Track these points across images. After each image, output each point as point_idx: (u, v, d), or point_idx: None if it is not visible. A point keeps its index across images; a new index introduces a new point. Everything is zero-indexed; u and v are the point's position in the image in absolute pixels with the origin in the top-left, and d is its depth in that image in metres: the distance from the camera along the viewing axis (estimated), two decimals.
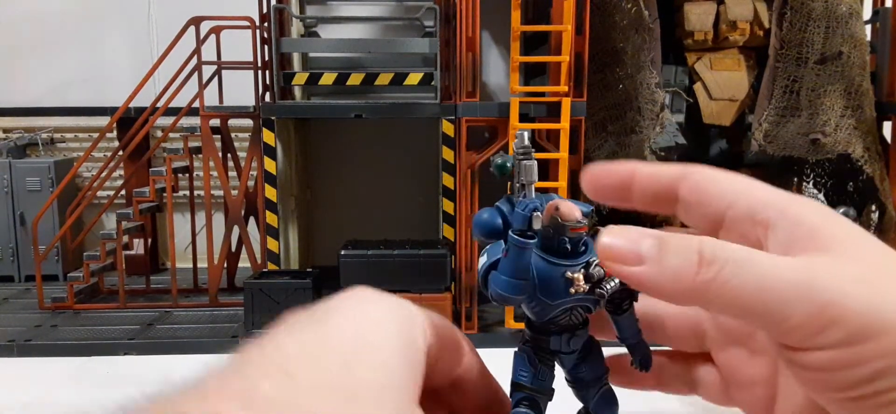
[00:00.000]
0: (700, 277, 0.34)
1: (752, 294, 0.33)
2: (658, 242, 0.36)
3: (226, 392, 0.30)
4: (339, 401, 0.31)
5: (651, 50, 4.19)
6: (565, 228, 0.45)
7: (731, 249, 0.34)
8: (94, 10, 6.21)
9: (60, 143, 6.38)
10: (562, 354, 0.50)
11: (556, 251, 0.47)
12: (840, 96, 4.40)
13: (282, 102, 4.92)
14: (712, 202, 0.39)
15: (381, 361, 0.34)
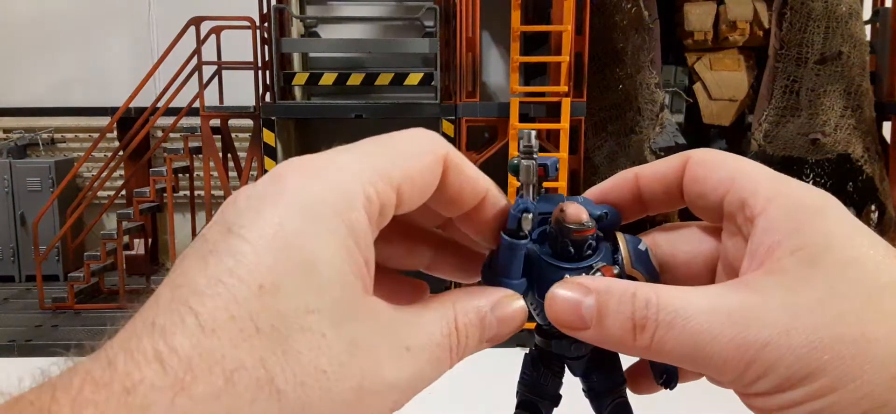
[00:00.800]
0: (637, 343, 0.35)
1: (686, 355, 0.34)
2: (596, 303, 0.36)
3: (141, 352, 0.28)
4: (258, 342, 0.29)
5: (651, 50, 4.19)
6: (569, 230, 0.44)
7: (663, 307, 0.34)
8: (94, 11, 6.21)
9: (61, 144, 6.38)
10: (567, 359, 0.49)
11: (560, 253, 0.46)
12: (840, 96, 4.40)
13: (282, 102, 4.92)
14: (709, 192, 0.39)
15: (304, 276, 0.30)
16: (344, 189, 0.34)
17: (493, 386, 3.88)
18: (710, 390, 0.51)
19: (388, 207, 0.36)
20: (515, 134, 4.26)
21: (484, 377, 3.85)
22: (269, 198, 0.33)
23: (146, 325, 0.30)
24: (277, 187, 0.33)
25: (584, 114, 4.23)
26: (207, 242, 0.32)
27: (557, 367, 0.50)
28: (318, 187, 0.33)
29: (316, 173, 0.34)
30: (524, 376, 0.51)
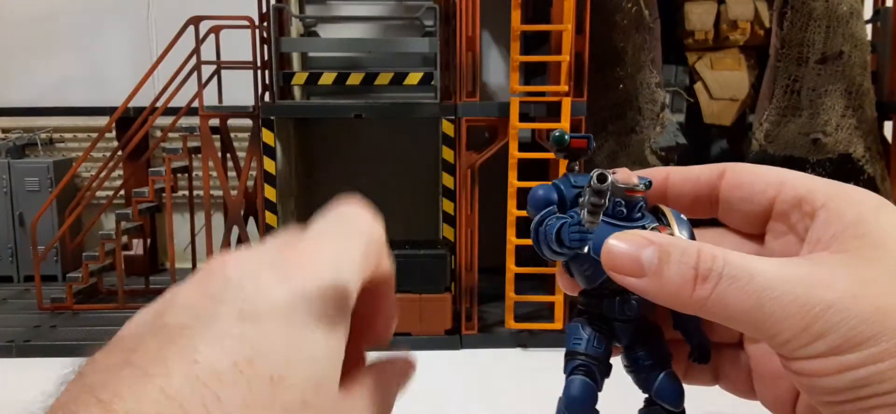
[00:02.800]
0: (696, 294, 0.35)
1: (746, 311, 0.34)
2: (659, 252, 0.37)
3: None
4: None
5: (651, 49, 4.18)
6: (621, 189, 0.44)
7: (729, 262, 0.35)
8: (93, 10, 6.20)
9: (59, 144, 6.37)
10: (617, 322, 0.48)
11: (613, 214, 0.46)
12: (841, 96, 4.39)
13: (281, 102, 4.91)
14: (757, 195, 0.40)
15: (308, 371, 0.30)
16: (346, 289, 0.34)
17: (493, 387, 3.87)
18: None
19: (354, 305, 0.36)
20: (516, 133, 4.25)
21: (485, 378, 3.84)
22: (273, 282, 0.32)
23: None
24: (281, 273, 0.33)
25: (584, 113, 4.22)
26: (188, 310, 0.30)
27: (606, 331, 0.49)
28: (326, 275, 0.34)
29: (321, 260, 0.35)
30: (575, 342, 0.50)
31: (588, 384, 0.47)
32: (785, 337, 0.34)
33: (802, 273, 0.34)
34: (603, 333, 0.49)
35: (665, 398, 0.48)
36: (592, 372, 0.48)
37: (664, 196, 0.44)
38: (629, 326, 0.48)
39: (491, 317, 4.63)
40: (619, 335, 0.49)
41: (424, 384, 0.53)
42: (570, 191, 0.47)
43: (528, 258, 4.43)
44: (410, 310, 4.24)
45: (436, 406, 3.24)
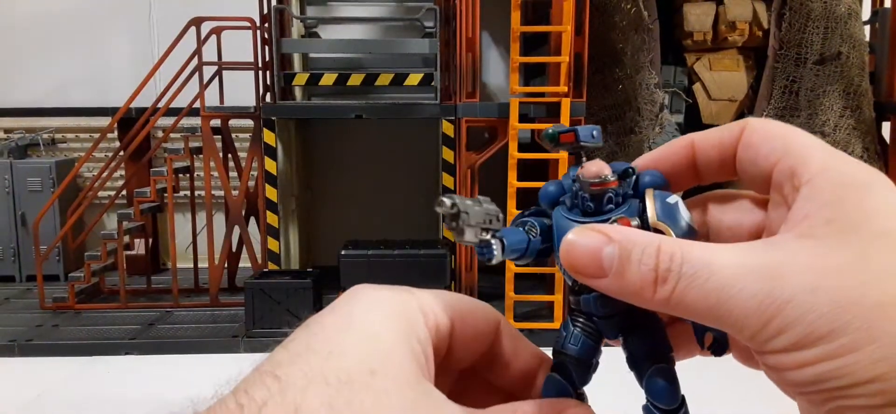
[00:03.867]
0: (658, 295, 0.35)
1: (708, 309, 0.34)
2: (619, 251, 0.36)
3: (226, 408, 0.34)
4: (325, 388, 0.33)
5: (650, 50, 4.20)
6: (586, 183, 0.44)
7: (688, 260, 0.34)
8: (95, 11, 6.22)
9: (61, 144, 6.39)
10: (596, 319, 0.47)
11: (581, 210, 0.46)
12: (839, 97, 4.41)
13: (282, 103, 4.93)
14: (761, 159, 0.38)
15: (368, 346, 0.36)
16: (403, 298, 0.40)
17: None
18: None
19: (443, 328, 0.41)
20: (515, 134, 4.27)
21: None
22: (345, 300, 0.40)
23: (234, 392, 0.35)
24: (352, 293, 0.40)
25: (583, 114, 4.24)
26: (293, 335, 0.38)
27: (591, 330, 0.48)
28: (384, 293, 0.40)
29: (383, 288, 0.41)
30: (558, 338, 0.50)
31: (558, 383, 0.48)
32: (749, 332, 0.33)
33: (763, 263, 0.33)
34: (588, 330, 0.48)
35: (654, 395, 0.46)
36: (568, 370, 0.48)
37: (692, 164, 0.43)
38: (611, 321, 0.47)
39: None
40: (605, 331, 0.49)
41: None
42: (571, 184, 0.48)
43: None
44: None
45: None
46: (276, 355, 0.37)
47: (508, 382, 0.46)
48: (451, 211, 0.44)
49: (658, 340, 0.48)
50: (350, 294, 0.40)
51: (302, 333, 0.37)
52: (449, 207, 0.43)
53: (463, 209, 0.43)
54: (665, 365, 0.47)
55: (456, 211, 0.43)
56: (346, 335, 0.37)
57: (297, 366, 0.35)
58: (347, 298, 0.40)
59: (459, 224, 0.43)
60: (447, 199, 0.43)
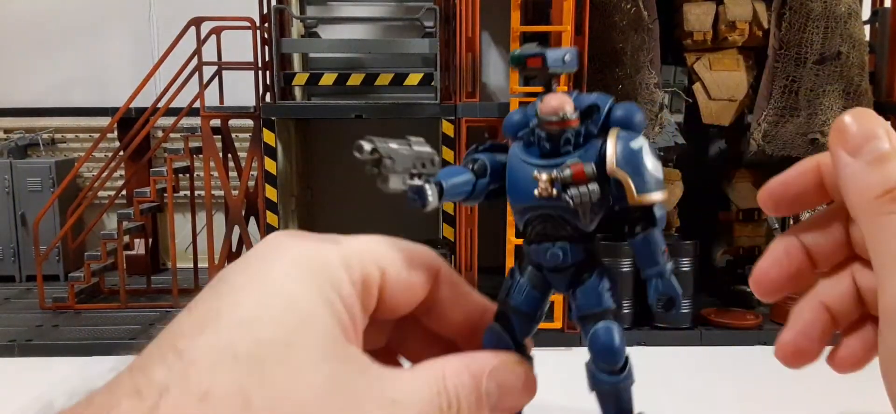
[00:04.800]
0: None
1: None
2: (889, 148, 0.35)
3: (122, 389, 0.30)
4: (234, 367, 0.30)
5: (650, 50, 4.20)
6: (541, 121, 0.41)
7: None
8: (94, 11, 6.22)
9: (61, 144, 6.39)
10: (546, 272, 0.44)
11: (538, 150, 0.42)
12: (839, 96, 4.41)
13: (282, 103, 4.93)
14: None
15: (284, 312, 0.32)
16: (326, 250, 0.36)
17: None
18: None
19: (371, 279, 0.37)
20: None
21: None
22: (258, 255, 0.35)
23: (130, 369, 0.31)
24: (267, 247, 0.36)
25: None
26: (198, 296, 0.34)
27: (538, 280, 0.45)
28: (303, 247, 0.35)
29: (303, 239, 0.36)
30: (502, 288, 0.46)
31: (497, 334, 0.45)
32: None
33: None
34: (535, 281, 0.45)
35: (595, 352, 0.44)
36: (510, 320, 0.45)
37: (820, 183, 0.41)
38: (562, 274, 0.44)
39: None
40: (553, 283, 0.45)
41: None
42: (532, 118, 0.44)
43: None
44: None
45: None
46: (180, 322, 0.33)
47: (450, 331, 0.44)
48: (371, 156, 0.39)
49: (603, 297, 0.45)
50: (265, 246, 0.36)
51: (209, 295, 0.33)
52: (369, 152, 0.39)
53: (386, 154, 0.38)
54: (609, 322, 0.45)
55: (377, 156, 0.39)
56: (260, 299, 0.32)
57: (204, 337, 0.31)
58: (262, 251, 0.36)
59: (382, 171, 0.39)
60: (366, 143, 0.39)
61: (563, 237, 0.43)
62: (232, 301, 0.32)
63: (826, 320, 0.41)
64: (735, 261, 5.19)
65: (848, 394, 3.16)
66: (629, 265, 4.36)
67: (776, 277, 0.41)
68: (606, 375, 0.45)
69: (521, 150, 0.42)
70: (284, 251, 0.35)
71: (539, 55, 0.42)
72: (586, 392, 0.48)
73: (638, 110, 0.43)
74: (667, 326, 4.37)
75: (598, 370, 0.44)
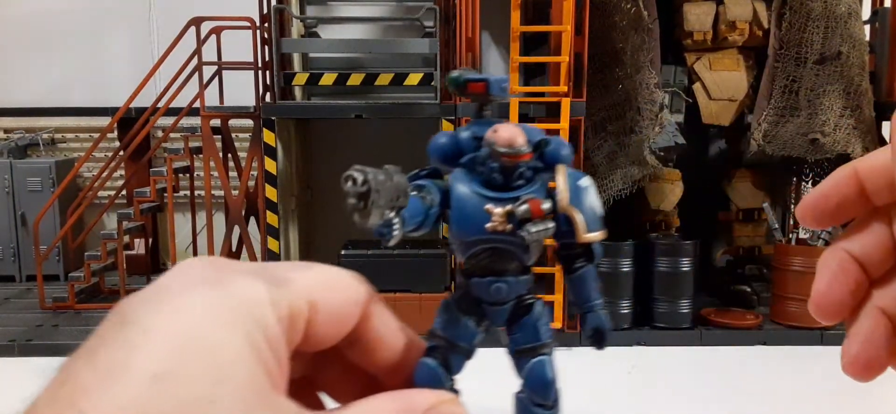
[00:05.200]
0: None
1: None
2: None
3: None
4: None
5: (650, 50, 4.20)
6: (498, 154, 0.39)
7: None
8: (94, 11, 6.22)
9: (61, 144, 6.39)
10: (486, 305, 0.43)
11: (488, 182, 0.41)
12: (839, 96, 4.41)
13: (282, 103, 4.92)
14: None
15: (206, 365, 0.28)
16: (250, 286, 0.31)
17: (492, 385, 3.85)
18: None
19: (299, 314, 0.34)
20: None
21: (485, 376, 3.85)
22: (171, 289, 0.30)
23: None
24: (181, 281, 0.31)
25: (583, 114, 4.24)
26: (98, 336, 0.29)
27: (476, 313, 0.44)
28: (224, 281, 0.31)
29: (223, 270, 0.32)
30: (437, 320, 0.45)
31: (433, 370, 0.44)
32: None
33: None
34: (472, 316, 0.44)
35: (531, 388, 0.44)
36: (446, 355, 0.44)
37: (861, 191, 0.39)
38: (501, 309, 0.44)
39: None
40: (492, 317, 0.45)
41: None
42: (470, 143, 0.42)
43: None
44: (410, 309, 4.27)
45: None
46: (78, 373, 0.27)
47: (374, 365, 0.41)
48: (361, 190, 0.37)
49: (542, 331, 0.45)
50: (179, 277, 0.31)
51: (114, 339, 0.27)
52: (360, 186, 0.36)
53: (375, 187, 0.36)
54: (544, 357, 0.45)
55: (367, 189, 0.36)
56: (176, 348, 0.28)
57: (111, 395, 0.25)
58: (176, 284, 0.31)
59: (368, 206, 0.37)
60: (358, 174, 0.36)
61: (508, 271, 0.43)
62: (144, 351, 0.27)
63: (887, 326, 0.39)
64: (735, 261, 5.19)
65: (848, 394, 3.16)
66: (629, 265, 4.36)
67: (838, 297, 0.39)
68: (539, 409, 0.45)
69: (467, 179, 0.41)
70: (203, 286, 0.30)
71: (482, 81, 0.41)
72: (585, 392, 0.48)
73: (565, 144, 0.42)
74: (667, 326, 4.37)
75: (532, 404, 0.44)
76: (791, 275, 4.34)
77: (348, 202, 0.37)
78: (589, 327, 0.43)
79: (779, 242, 4.58)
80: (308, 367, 0.40)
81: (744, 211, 5.01)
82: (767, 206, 4.60)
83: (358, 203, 0.36)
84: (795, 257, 4.33)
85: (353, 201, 0.37)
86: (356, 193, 0.36)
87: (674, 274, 4.34)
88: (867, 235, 0.39)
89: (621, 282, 4.34)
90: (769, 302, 4.63)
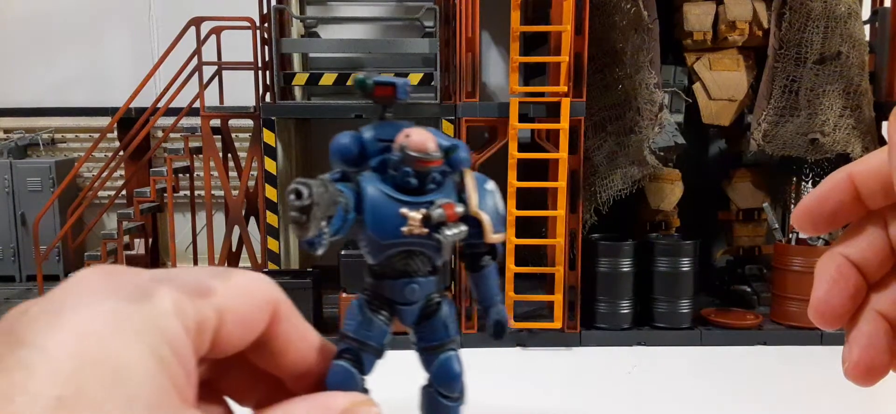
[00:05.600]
0: None
1: None
2: None
3: None
4: None
5: (650, 50, 4.20)
6: (412, 158, 0.40)
7: None
8: (94, 11, 6.22)
9: (61, 144, 6.39)
10: (398, 306, 0.44)
11: (400, 185, 0.41)
12: (839, 96, 4.41)
13: (282, 103, 4.93)
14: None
15: (113, 386, 0.26)
16: (155, 295, 0.30)
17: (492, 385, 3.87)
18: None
19: (206, 325, 0.33)
20: (515, 134, 4.27)
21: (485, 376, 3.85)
22: (68, 304, 0.29)
23: None
24: (78, 293, 0.29)
25: (583, 114, 4.24)
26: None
27: (386, 313, 0.45)
28: (127, 293, 0.29)
29: (124, 280, 0.31)
30: (348, 323, 0.46)
31: (346, 371, 0.44)
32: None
33: None
34: (382, 316, 0.45)
35: (439, 381, 0.45)
36: (358, 356, 0.45)
37: (856, 196, 0.39)
38: (412, 309, 0.45)
39: None
40: (402, 317, 0.46)
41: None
42: (375, 145, 0.43)
43: (527, 258, 4.45)
44: None
45: None
46: None
47: (281, 369, 0.40)
48: (306, 203, 0.37)
49: (451, 328, 0.47)
50: (77, 290, 0.29)
51: (10, 361, 0.25)
52: (306, 200, 0.36)
53: (316, 200, 0.36)
54: (451, 352, 0.47)
55: (310, 203, 0.36)
56: (81, 368, 0.26)
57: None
58: (75, 298, 0.29)
59: (309, 220, 0.37)
60: (303, 187, 0.36)
61: (420, 272, 0.44)
62: (43, 373, 0.25)
63: (887, 329, 0.39)
64: (735, 261, 5.19)
65: (848, 394, 3.17)
66: (629, 265, 4.36)
67: (838, 303, 0.39)
68: (446, 401, 0.46)
69: (379, 183, 0.41)
70: (105, 299, 0.29)
71: (391, 84, 0.41)
72: (586, 391, 0.49)
73: (466, 148, 0.43)
74: (667, 326, 4.37)
75: (439, 396, 0.46)
76: (791, 275, 4.35)
77: (291, 215, 0.37)
78: (492, 321, 0.45)
79: (779, 241, 4.58)
80: (210, 371, 0.39)
81: (744, 211, 5.01)
82: (767, 206, 4.60)
83: (300, 217, 0.36)
84: (795, 257, 4.33)
85: (295, 215, 0.37)
86: (300, 207, 0.36)
87: (674, 274, 4.34)
88: (864, 238, 0.39)
89: (621, 282, 4.34)
90: (769, 302, 4.63)
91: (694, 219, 4.89)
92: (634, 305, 4.39)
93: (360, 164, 0.43)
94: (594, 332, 4.34)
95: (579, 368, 3.93)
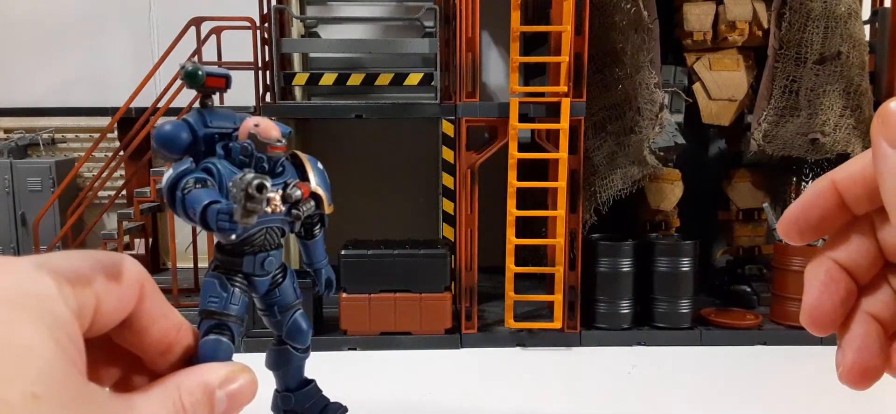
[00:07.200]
0: None
1: None
2: None
3: None
4: None
5: (650, 50, 4.20)
6: (264, 146, 0.43)
7: None
8: (94, 11, 6.22)
9: (61, 144, 6.39)
10: (255, 278, 0.48)
11: (256, 170, 0.43)
12: (839, 96, 4.41)
13: (282, 103, 4.93)
14: None
15: (23, 364, 0.28)
16: (41, 282, 0.32)
17: (492, 385, 3.87)
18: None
19: (86, 307, 0.34)
20: (515, 134, 4.27)
21: (485, 376, 3.86)
22: None
23: None
24: None
25: (583, 114, 4.24)
26: None
27: (244, 286, 0.50)
28: (14, 280, 0.31)
29: (7, 267, 0.32)
30: (211, 300, 0.49)
31: (218, 342, 0.47)
32: None
33: None
34: (241, 288, 0.48)
35: (291, 337, 0.49)
36: (229, 329, 0.48)
37: (840, 202, 0.40)
38: (267, 278, 0.48)
39: (491, 316, 4.65)
40: (257, 287, 0.49)
41: (425, 382, 0.54)
42: (204, 130, 0.45)
43: (527, 258, 4.45)
44: (410, 309, 4.27)
45: (436, 403, 3.27)
46: None
47: (143, 347, 0.41)
48: (269, 195, 0.39)
49: (298, 291, 0.52)
50: None
51: None
52: (269, 192, 0.39)
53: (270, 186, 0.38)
54: (300, 312, 0.51)
55: (264, 196, 0.39)
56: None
57: None
58: None
59: (260, 206, 0.39)
60: (267, 180, 0.39)
61: (276, 246, 0.48)
62: None
63: (879, 331, 0.39)
64: (735, 261, 5.20)
65: (847, 394, 3.16)
66: (629, 265, 4.36)
67: (830, 307, 0.40)
68: (297, 353, 0.51)
69: (234, 169, 0.44)
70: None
71: (224, 76, 0.44)
72: (586, 391, 0.49)
73: (291, 131, 0.46)
74: (667, 326, 4.37)
75: (293, 350, 0.50)
76: (791, 275, 4.35)
77: (251, 206, 0.39)
78: (324, 278, 0.49)
79: (779, 241, 4.58)
80: None
81: (744, 211, 5.01)
82: (767, 206, 4.61)
83: (256, 205, 0.39)
84: (795, 257, 4.33)
85: (257, 206, 0.39)
86: (262, 200, 0.39)
87: (674, 274, 4.34)
88: (852, 242, 0.39)
89: (621, 282, 4.35)
90: (769, 302, 4.63)
91: (694, 219, 4.90)
92: (634, 304, 4.39)
93: (193, 151, 0.46)
94: (594, 332, 4.35)
95: (579, 368, 3.93)
